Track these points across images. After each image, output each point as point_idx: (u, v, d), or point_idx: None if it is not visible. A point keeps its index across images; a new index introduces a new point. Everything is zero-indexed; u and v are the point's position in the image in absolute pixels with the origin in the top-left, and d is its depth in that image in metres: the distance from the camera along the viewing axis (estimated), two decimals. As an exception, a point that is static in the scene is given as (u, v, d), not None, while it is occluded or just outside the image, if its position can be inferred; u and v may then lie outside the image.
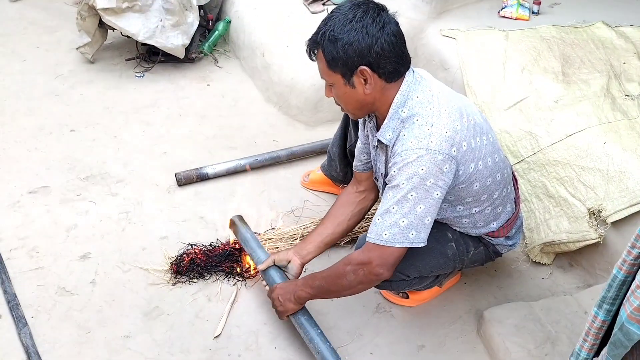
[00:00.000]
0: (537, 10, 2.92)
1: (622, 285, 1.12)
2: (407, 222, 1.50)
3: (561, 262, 2.16)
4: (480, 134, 1.60)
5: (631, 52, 2.53)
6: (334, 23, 1.49)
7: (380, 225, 1.53)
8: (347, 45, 1.47)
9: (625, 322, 1.03)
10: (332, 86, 1.59)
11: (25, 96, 3.04)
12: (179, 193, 2.47)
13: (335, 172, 2.35)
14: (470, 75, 2.57)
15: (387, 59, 1.50)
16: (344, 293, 1.70)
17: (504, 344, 1.78)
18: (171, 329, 1.92)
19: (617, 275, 1.12)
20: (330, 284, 1.68)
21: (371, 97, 1.56)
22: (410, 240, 1.52)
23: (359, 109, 1.62)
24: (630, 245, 1.09)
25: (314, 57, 1.57)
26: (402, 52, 1.53)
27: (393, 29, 1.49)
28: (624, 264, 1.10)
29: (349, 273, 1.60)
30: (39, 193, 2.43)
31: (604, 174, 2.03)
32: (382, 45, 1.47)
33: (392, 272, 1.57)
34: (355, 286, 1.63)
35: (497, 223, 1.77)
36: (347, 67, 1.50)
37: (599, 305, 1.17)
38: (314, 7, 3.18)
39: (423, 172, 1.47)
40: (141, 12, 3.02)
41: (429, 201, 1.50)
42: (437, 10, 2.95)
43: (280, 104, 2.96)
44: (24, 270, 2.10)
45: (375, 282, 1.61)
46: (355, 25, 1.47)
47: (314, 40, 1.54)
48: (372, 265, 1.55)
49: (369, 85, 1.53)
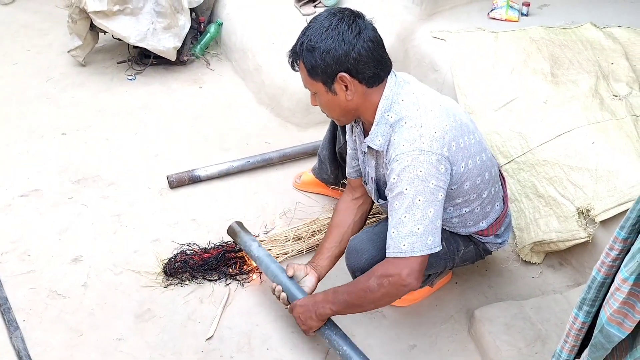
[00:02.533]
0: (526, 11, 2.94)
1: (602, 287, 1.12)
2: (423, 228, 1.49)
3: (551, 261, 2.17)
4: (468, 133, 1.61)
5: (619, 53, 2.56)
6: (311, 33, 1.51)
7: (397, 238, 1.51)
8: (324, 53, 1.49)
9: (606, 324, 1.03)
10: (316, 95, 1.60)
11: (16, 99, 3.04)
12: (171, 195, 2.47)
13: (326, 174, 2.36)
14: (461, 76, 2.59)
15: (366, 65, 1.51)
16: (369, 307, 1.68)
17: (495, 343, 1.79)
18: (163, 331, 1.92)
19: (595, 276, 1.12)
20: (355, 298, 1.63)
21: (354, 103, 1.57)
22: (429, 247, 1.51)
23: (343, 115, 1.64)
24: (608, 247, 1.09)
25: (296, 68, 1.59)
26: (380, 56, 1.54)
27: (370, 35, 1.51)
28: (603, 265, 1.11)
29: (373, 286, 1.56)
30: (30, 196, 2.43)
31: (593, 173, 2.05)
32: (359, 51, 1.49)
33: (421, 280, 1.54)
34: (382, 298, 1.58)
35: (486, 222, 1.78)
36: (327, 74, 1.52)
37: (578, 306, 1.17)
38: (305, 10, 3.19)
39: (422, 174, 1.48)
40: (132, 15, 3.02)
41: (436, 204, 1.50)
42: (428, 12, 2.97)
43: (272, 105, 2.97)
44: (15, 273, 2.09)
45: (404, 293, 1.57)
46: (331, 33, 1.48)
47: (294, 51, 1.57)
48: (401, 276, 1.51)
49: (350, 91, 1.54)
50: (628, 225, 1.06)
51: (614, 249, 1.08)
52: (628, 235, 1.06)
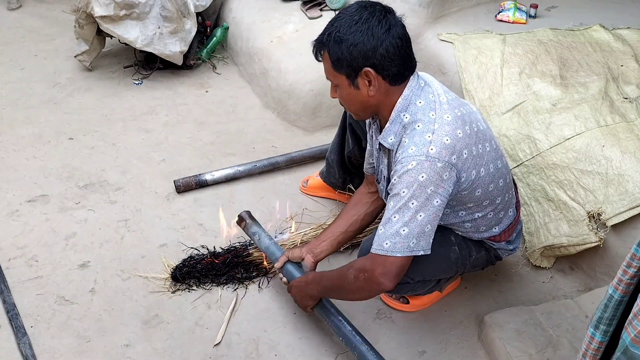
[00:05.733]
0: (534, 13, 2.92)
1: (619, 305, 1.09)
2: (408, 230, 1.50)
3: (561, 265, 2.15)
4: (484, 140, 1.59)
5: (629, 55, 2.53)
6: (340, 24, 1.49)
7: (382, 235, 1.53)
8: (352, 46, 1.47)
9: (630, 346, 1.00)
10: (337, 87, 1.58)
11: (23, 104, 3.05)
12: (178, 200, 2.47)
13: (334, 178, 2.35)
14: (468, 79, 2.57)
15: (392, 62, 1.49)
16: (348, 297, 1.73)
17: (505, 349, 1.77)
18: (171, 337, 1.92)
19: (613, 295, 1.09)
20: (334, 285, 1.71)
21: (375, 99, 1.56)
22: (410, 249, 1.52)
23: (362, 110, 1.62)
24: (625, 264, 1.06)
25: (320, 58, 1.57)
26: (407, 55, 1.52)
27: (399, 32, 1.49)
28: (620, 283, 1.07)
29: (350, 277, 1.61)
30: (37, 202, 2.43)
31: (603, 177, 2.03)
32: (387, 47, 1.47)
33: (395, 283, 1.55)
34: (356, 291, 1.63)
35: (499, 227, 1.77)
36: (352, 68, 1.50)
37: (595, 326, 1.13)
38: (311, 13, 3.18)
39: (423, 180, 1.47)
40: (139, 19, 3.03)
41: (429, 209, 1.49)
42: (435, 15, 2.96)
43: (278, 109, 2.96)
44: (23, 279, 2.09)
45: (376, 292, 1.61)
46: (361, 27, 1.46)
47: (320, 41, 1.55)
48: (374, 274, 1.54)
49: (372, 87, 1.52)
50: None
51: (632, 266, 1.05)
52: None
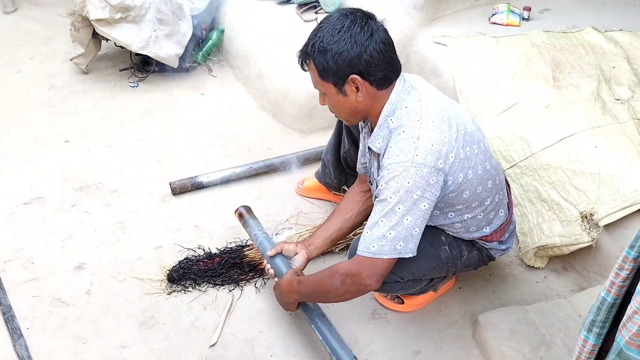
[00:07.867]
0: (527, 16, 2.95)
1: (612, 308, 1.10)
2: (395, 233, 1.52)
3: (555, 265, 2.17)
4: (471, 143, 1.60)
5: (620, 57, 2.56)
6: (323, 34, 1.51)
7: (369, 238, 1.54)
8: (336, 55, 1.49)
9: (624, 349, 1.00)
10: (325, 95, 1.61)
11: (19, 107, 3.05)
12: (174, 202, 2.47)
13: (330, 179, 2.36)
14: (462, 81, 2.59)
15: (377, 67, 1.51)
16: (332, 300, 1.75)
17: (499, 348, 1.78)
18: (167, 338, 1.92)
19: (605, 298, 1.10)
20: (315, 291, 1.73)
21: (363, 105, 1.58)
22: (398, 251, 1.54)
23: (352, 115, 1.64)
24: (617, 267, 1.07)
25: (306, 68, 1.60)
26: (391, 58, 1.54)
27: (381, 37, 1.51)
28: (613, 286, 1.08)
29: (335, 283, 1.62)
30: (33, 204, 2.43)
31: (596, 177, 2.05)
32: (371, 53, 1.49)
33: (380, 283, 1.58)
34: (342, 295, 1.65)
35: (489, 228, 1.78)
36: (338, 76, 1.52)
37: (588, 329, 1.14)
38: (306, 16, 3.20)
39: (409, 185, 1.49)
40: (134, 22, 3.04)
41: (416, 213, 1.51)
42: (429, 17, 2.98)
43: (274, 112, 2.98)
44: (19, 281, 2.09)
45: (363, 292, 1.63)
46: (343, 35, 1.48)
47: (305, 52, 1.57)
48: (361, 277, 1.56)
49: (360, 93, 1.54)
50: (638, 244, 1.03)
51: (624, 269, 1.06)
52: (638, 254, 1.04)
